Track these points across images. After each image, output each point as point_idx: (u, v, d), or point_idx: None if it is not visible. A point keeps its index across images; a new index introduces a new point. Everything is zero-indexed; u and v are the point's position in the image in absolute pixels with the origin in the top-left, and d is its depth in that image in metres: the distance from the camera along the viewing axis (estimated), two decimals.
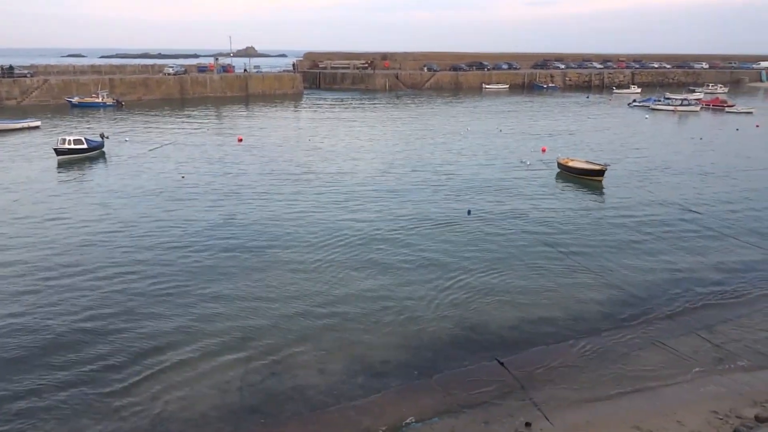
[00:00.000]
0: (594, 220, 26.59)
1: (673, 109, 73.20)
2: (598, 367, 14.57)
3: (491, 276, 19.92)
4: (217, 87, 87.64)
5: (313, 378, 14.04)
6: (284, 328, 16.31)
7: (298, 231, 24.37)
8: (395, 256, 21.60)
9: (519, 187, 32.73)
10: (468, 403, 13.03)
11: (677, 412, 12.30)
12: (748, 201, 30.25)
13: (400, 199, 29.61)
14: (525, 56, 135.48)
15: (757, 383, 13.56)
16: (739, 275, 20.41)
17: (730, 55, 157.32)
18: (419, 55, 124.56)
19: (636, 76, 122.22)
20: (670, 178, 35.35)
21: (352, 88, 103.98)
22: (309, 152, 42.87)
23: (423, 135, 52.05)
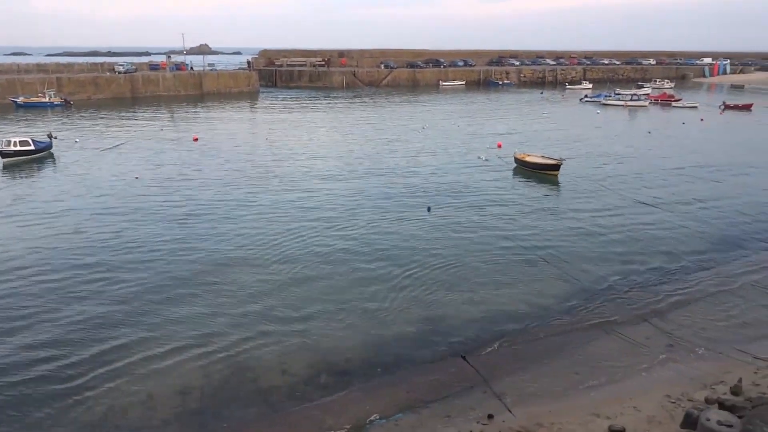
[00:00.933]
0: (551, 214, 27.15)
1: (623, 104, 75.42)
2: (557, 357, 14.89)
3: (452, 272, 20.12)
4: (171, 85, 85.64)
5: (276, 379, 13.91)
6: (244, 329, 16.09)
7: (255, 231, 24.06)
8: (355, 255, 21.57)
9: (477, 182, 33.13)
10: (431, 398, 13.13)
11: (633, 398, 12.68)
12: (696, 192, 31.41)
13: (359, 197, 29.59)
14: (480, 53, 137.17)
15: (706, 367, 14.11)
16: (688, 264, 21.17)
17: (676, 52, 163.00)
18: (376, 53, 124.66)
19: (587, 73, 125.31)
20: (622, 172, 36.38)
21: (309, 86, 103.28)
22: (266, 151, 42.37)
23: (381, 132, 52.11)
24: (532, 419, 12.04)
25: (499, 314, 17.12)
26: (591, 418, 11.93)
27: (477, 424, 12.01)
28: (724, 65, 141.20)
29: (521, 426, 11.76)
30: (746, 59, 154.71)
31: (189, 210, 27.01)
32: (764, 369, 13.73)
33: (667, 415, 11.75)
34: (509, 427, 11.77)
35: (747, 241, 23.76)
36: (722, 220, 26.34)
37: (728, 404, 11.22)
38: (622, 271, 20.34)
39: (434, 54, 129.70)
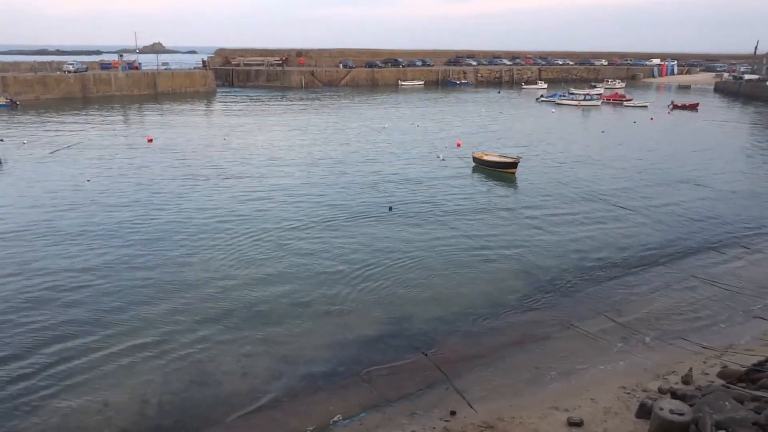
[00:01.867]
0: (508, 211, 27.60)
1: (577, 104, 77.28)
2: (517, 352, 15.15)
3: (413, 270, 20.23)
4: (123, 85, 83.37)
5: (237, 383, 13.70)
6: (203, 333, 15.80)
7: (212, 233, 23.66)
8: (315, 255, 21.46)
9: (437, 181, 33.41)
10: (394, 396, 13.17)
11: (590, 390, 13.01)
12: (648, 190, 32.44)
13: (320, 197, 29.45)
14: (438, 53, 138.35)
15: (659, 358, 14.60)
16: (641, 257, 21.84)
17: (626, 53, 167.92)
18: (335, 52, 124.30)
19: (543, 73, 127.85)
20: (578, 170, 37.29)
21: (267, 86, 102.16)
22: (223, 152, 41.70)
23: (341, 132, 52.00)
24: (494, 414, 12.21)
25: (460, 311, 17.30)
26: (550, 411, 12.18)
27: (440, 421, 12.11)
28: (672, 66, 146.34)
29: (483, 421, 11.91)
30: (692, 60, 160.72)
31: (143, 213, 26.36)
32: (712, 358, 14.28)
33: (623, 406, 12.09)
34: (471, 422, 11.91)
35: (695, 235, 24.66)
36: (672, 217, 27.28)
37: (680, 393, 11.63)
38: (579, 267, 20.84)
39: (393, 54, 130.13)
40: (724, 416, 9.78)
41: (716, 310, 17.50)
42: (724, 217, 27.37)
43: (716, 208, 28.70)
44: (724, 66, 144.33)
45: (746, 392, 11.15)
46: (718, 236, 24.51)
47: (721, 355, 14.41)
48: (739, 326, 16.44)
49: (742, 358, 13.87)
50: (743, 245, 23.44)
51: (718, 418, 9.76)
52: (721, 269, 20.84)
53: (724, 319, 16.99)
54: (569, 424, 11.51)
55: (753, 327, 16.36)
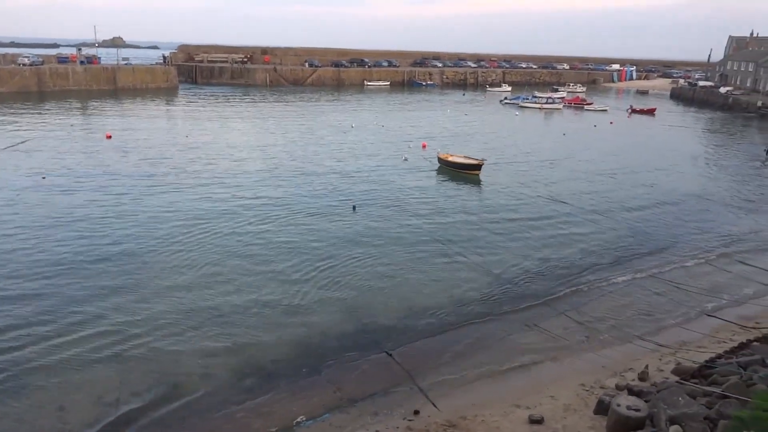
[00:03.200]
0: (473, 212, 27.89)
1: (540, 107, 78.64)
2: (479, 351, 15.33)
3: (376, 269, 20.25)
4: (82, 80, 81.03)
5: (198, 384, 13.47)
6: (162, 333, 15.49)
7: (173, 232, 23.22)
8: (278, 254, 21.28)
9: (402, 182, 33.52)
10: (358, 396, 13.16)
11: (550, 388, 13.26)
12: (607, 191, 33.25)
13: (283, 197, 29.20)
14: (404, 54, 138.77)
15: (616, 355, 14.98)
16: (600, 258, 22.35)
17: (587, 58, 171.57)
18: (300, 51, 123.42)
19: (507, 75, 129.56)
20: (540, 171, 37.94)
21: (231, 83, 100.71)
22: (185, 150, 40.93)
23: (306, 131, 51.67)
24: (457, 413, 12.32)
25: (423, 310, 17.40)
26: (512, 408, 12.36)
27: (404, 420, 12.16)
28: (631, 71, 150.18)
29: (446, 420, 12.01)
30: (650, 66, 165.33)
31: (101, 211, 25.68)
32: (667, 356, 14.73)
33: (582, 403, 12.36)
34: (434, 421, 11.99)
35: (652, 237, 25.37)
36: (631, 219, 28.01)
37: (636, 390, 11.96)
38: (540, 267, 21.20)
39: (359, 53, 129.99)
40: (678, 411, 10.09)
41: (671, 309, 18.06)
42: (680, 219, 28.25)
43: (672, 211, 29.60)
44: (679, 72, 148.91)
45: (698, 388, 11.53)
46: (673, 238, 25.27)
47: (676, 353, 14.88)
48: (692, 324, 17.00)
49: (695, 355, 14.35)
50: (697, 247, 24.22)
51: (671, 413, 10.07)
52: (676, 270, 21.50)
53: (679, 317, 17.55)
54: (530, 421, 11.71)
55: (705, 325, 16.94)
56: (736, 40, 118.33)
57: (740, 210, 30.45)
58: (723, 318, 17.37)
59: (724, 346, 14.75)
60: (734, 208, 30.84)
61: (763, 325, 16.29)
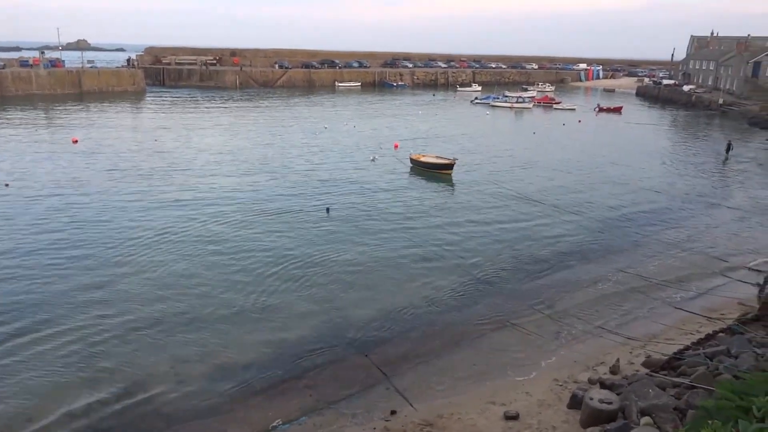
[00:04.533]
0: (445, 212, 28.08)
1: (510, 106, 79.56)
2: (455, 350, 15.43)
3: (351, 270, 20.23)
4: (45, 83, 79.08)
5: (171, 392, 13.26)
6: (133, 339, 15.22)
7: (142, 238, 22.83)
8: (251, 257, 21.09)
9: (374, 182, 33.55)
10: (335, 398, 13.13)
11: (525, 384, 13.43)
12: (578, 188, 33.81)
13: (255, 200, 28.97)
14: (375, 55, 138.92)
15: (588, 350, 15.23)
16: (571, 255, 22.71)
17: (555, 57, 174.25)
18: (270, 52, 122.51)
19: (477, 75, 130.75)
20: (512, 170, 38.38)
21: (200, 86, 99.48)
22: (154, 154, 40.31)
23: (278, 134, 51.33)
24: (433, 412, 12.39)
25: (399, 310, 17.45)
26: (488, 406, 12.48)
27: (381, 420, 12.18)
28: (598, 70, 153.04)
29: (423, 419, 12.07)
30: (616, 66, 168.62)
31: (66, 217, 25.12)
32: (637, 348, 15.04)
33: (556, 398, 12.54)
34: (411, 421, 12.04)
35: (621, 232, 25.88)
36: (600, 215, 28.53)
37: (608, 383, 12.19)
38: (513, 265, 21.44)
39: (329, 55, 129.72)
40: (648, 403, 10.32)
41: (640, 303, 18.44)
42: (647, 215, 28.88)
43: (639, 207, 30.24)
44: (644, 71, 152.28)
45: (668, 379, 11.81)
46: (641, 233, 25.82)
47: (645, 345, 15.20)
48: (660, 317, 17.38)
49: (664, 347, 14.68)
50: (664, 241, 24.79)
51: (642, 405, 10.29)
52: (645, 263, 21.97)
53: (648, 310, 17.93)
54: (506, 417, 11.84)
55: (673, 317, 17.34)
56: (697, 39, 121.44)
57: (703, 204, 31.27)
58: (690, 310, 17.81)
59: (692, 337, 15.12)
60: (698, 202, 31.65)
61: (728, 316, 16.75)
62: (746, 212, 29.80)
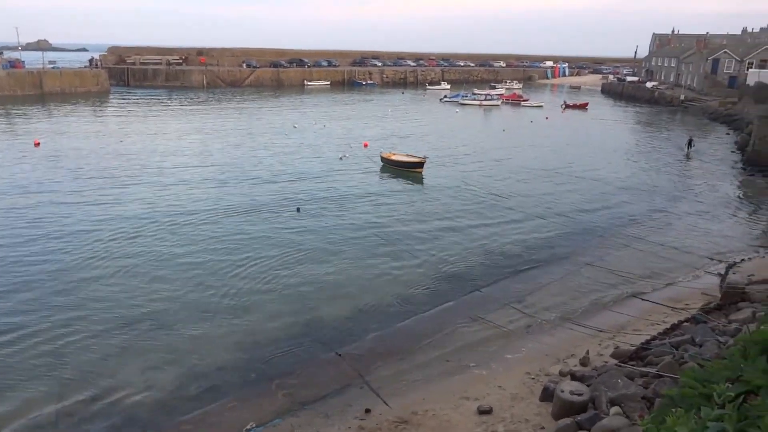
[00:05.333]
0: (416, 209, 28.19)
1: (479, 104, 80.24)
2: (428, 346, 15.50)
3: (323, 270, 20.16)
4: (5, 85, 76.75)
5: (140, 397, 13.02)
6: (100, 345, 14.89)
7: (107, 241, 22.37)
8: (221, 259, 20.84)
9: (346, 181, 33.50)
10: (308, 398, 13.07)
11: (497, 378, 13.56)
12: (546, 185, 34.32)
13: (225, 201, 28.64)
14: (343, 54, 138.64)
15: (559, 342, 15.46)
16: (539, 250, 23.02)
17: (522, 55, 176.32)
18: (238, 51, 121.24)
19: (445, 74, 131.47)
20: (482, 167, 38.72)
21: (166, 86, 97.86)
22: (120, 156, 39.50)
23: (247, 134, 50.82)
24: (408, 409, 12.43)
25: (371, 308, 17.46)
26: (461, 401, 12.57)
27: (355, 419, 12.16)
28: (564, 68, 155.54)
29: (397, 416, 12.09)
30: (581, 63, 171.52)
31: (29, 222, 24.45)
32: (606, 340, 15.33)
33: (528, 391, 12.70)
34: (386, 419, 12.05)
35: (588, 226, 26.35)
36: (568, 210, 28.99)
37: (578, 375, 12.39)
38: (483, 260, 21.64)
39: (298, 54, 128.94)
40: (617, 393, 10.53)
41: (608, 295, 18.80)
42: (613, 209, 29.47)
43: (606, 202, 30.83)
44: (609, 69, 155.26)
45: (636, 369, 12.07)
46: (608, 227, 26.32)
47: (614, 337, 15.50)
48: (628, 309, 17.74)
49: (632, 338, 15.00)
50: (630, 234, 25.32)
51: (612, 396, 10.50)
52: (612, 257, 22.40)
53: (615, 303, 18.28)
54: (479, 412, 11.94)
55: (640, 309, 17.71)
56: (659, 37, 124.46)
57: (667, 198, 32.03)
58: (655, 301, 18.22)
59: (658, 327, 15.48)
60: (661, 196, 32.41)
61: (692, 306, 17.19)
62: (707, 205, 30.63)
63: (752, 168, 38.77)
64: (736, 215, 28.82)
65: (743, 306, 15.28)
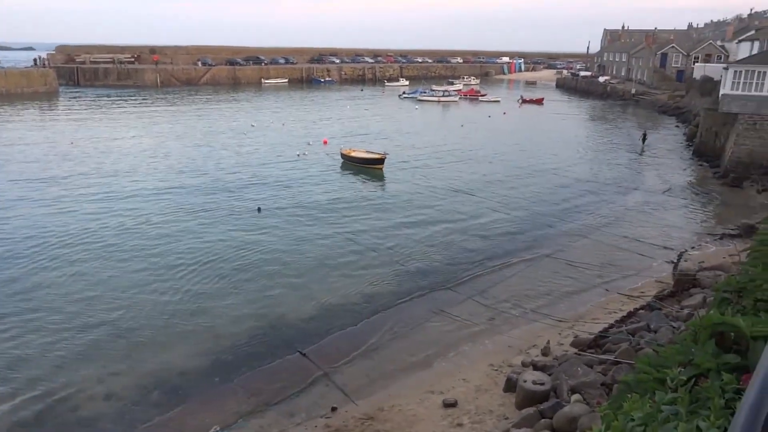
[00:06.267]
0: (377, 206, 28.22)
1: (437, 100, 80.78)
2: (392, 342, 15.57)
3: (285, 269, 19.99)
4: None
5: (100, 405, 12.68)
6: (56, 354, 14.43)
7: (63, 245, 21.67)
8: (180, 261, 20.44)
9: (306, 179, 33.27)
10: (273, 399, 12.96)
11: (462, 371, 13.73)
12: (505, 178, 34.85)
13: (183, 203, 28.07)
14: (301, 51, 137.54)
15: (521, 334, 15.76)
16: (500, 243, 23.38)
17: (479, 51, 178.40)
18: (192, 49, 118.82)
19: (404, 70, 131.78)
20: (441, 162, 39.02)
21: (119, 85, 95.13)
22: (71, 158, 38.23)
23: (204, 133, 49.86)
24: (374, 405, 12.47)
25: (334, 306, 17.42)
26: (427, 395, 12.68)
27: (321, 418, 12.13)
28: (520, 63, 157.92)
29: (363, 413, 12.12)
30: (536, 59, 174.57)
31: None
32: (566, 329, 15.70)
33: (492, 382, 12.91)
34: (352, 416, 12.06)
35: (547, 219, 26.88)
36: (527, 204, 29.53)
37: (540, 365, 12.66)
38: (445, 254, 21.84)
39: (254, 51, 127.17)
40: (578, 381, 10.81)
41: (567, 286, 19.24)
42: (571, 201, 30.15)
43: (564, 194, 31.53)
44: (563, 64, 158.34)
45: (595, 357, 12.41)
46: (566, 219, 26.91)
47: (573, 326, 15.89)
48: (586, 298, 18.22)
49: (591, 327, 15.40)
50: (587, 226, 25.95)
51: (572, 383, 10.76)
52: (570, 249, 22.92)
53: (574, 293, 18.73)
54: (445, 405, 12.07)
55: (598, 298, 18.21)
56: (610, 33, 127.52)
57: (622, 189, 32.96)
58: (612, 290, 18.75)
59: (615, 316, 15.95)
60: (617, 188, 33.32)
61: (647, 293, 17.76)
62: (660, 196, 31.64)
63: (700, 158, 40.25)
64: (687, 205, 29.86)
65: (695, 292, 15.88)
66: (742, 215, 26.16)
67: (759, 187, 31.39)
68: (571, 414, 9.42)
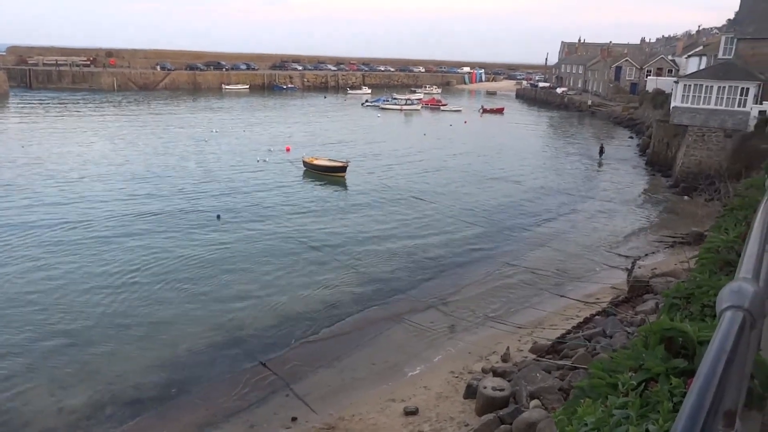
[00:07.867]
0: (340, 214, 28.16)
1: (400, 108, 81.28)
2: (354, 351, 15.52)
3: (245, 278, 19.74)
4: None
5: (51, 420, 12.22)
6: (4, 366, 13.86)
7: (11, 254, 20.89)
8: (136, 270, 19.94)
9: (268, 187, 32.95)
10: (232, 410, 12.74)
11: (423, 379, 13.79)
12: (467, 187, 35.26)
13: (141, 210, 27.40)
14: (263, 57, 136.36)
15: (480, 341, 15.92)
16: (461, 252, 23.63)
17: (440, 61, 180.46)
18: (150, 53, 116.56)
19: (366, 78, 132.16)
20: (403, 170, 39.22)
21: (73, 88, 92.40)
22: (22, 164, 36.89)
23: (162, 139, 48.85)
24: (335, 414, 12.39)
25: (296, 316, 17.26)
26: (388, 403, 12.68)
27: (281, 429, 11.98)
28: (480, 74, 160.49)
29: (324, 423, 12.03)
30: (497, 69, 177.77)
31: None
32: (525, 336, 15.95)
33: (453, 389, 12.99)
34: (313, 426, 11.96)
35: (507, 227, 27.31)
36: (488, 211, 29.94)
37: (500, 371, 12.82)
38: (406, 263, 21.93)
39: (215, 56, 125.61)
40: (536, 386, 10.98)
41: (526, 293, 19.56)
42: (530, 210, 30.72)
43: (523, 203, 32.11)
44: (522, 75, 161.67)
45: (553, 363, 12.63)
46: (525, 227, 27.40)
47: (532, 332, 16.15)
48: (544, 305, 18.54)
49: (549, 333, 15.68)
50: (544, 235, 26.48)
51: (531, 389, 10.93)
52: (529, 256, 23.33)
53: (532, 300, 19.05)
54: (406, 413, 12.09)
55: (555, 304, 18.56)
56: (567, 45, 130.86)
57: (579, 198, 33.78)
58: (570, 297, 19.16)
59: (572, 322, 16.29)
60: (574, 197, 34.13)
61: (603, 300, 18.21)
62: (615, 204, 32.56)
63: (653, 168, 41.61)
64: (640, 214, 30.80)
65: (648, 298, 16.36)
66: (692, 223, 27.13)
67: (707, 196, 32.62)
68: (529, 419, 9.56)
